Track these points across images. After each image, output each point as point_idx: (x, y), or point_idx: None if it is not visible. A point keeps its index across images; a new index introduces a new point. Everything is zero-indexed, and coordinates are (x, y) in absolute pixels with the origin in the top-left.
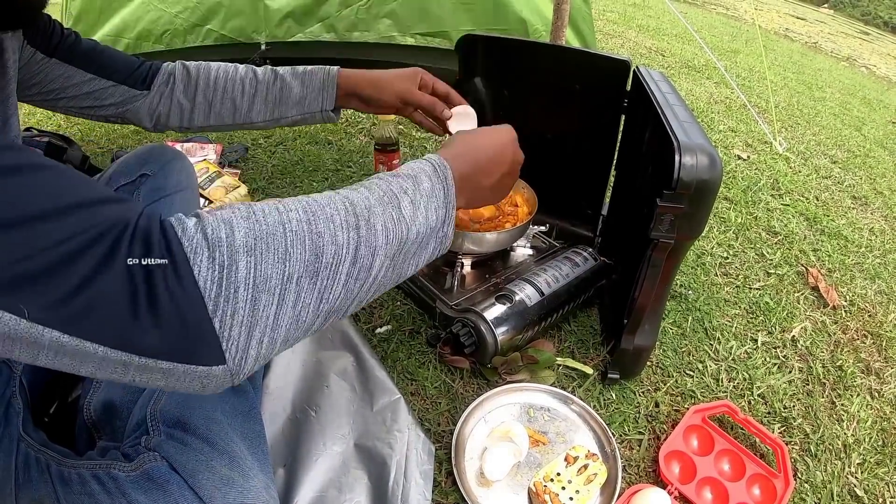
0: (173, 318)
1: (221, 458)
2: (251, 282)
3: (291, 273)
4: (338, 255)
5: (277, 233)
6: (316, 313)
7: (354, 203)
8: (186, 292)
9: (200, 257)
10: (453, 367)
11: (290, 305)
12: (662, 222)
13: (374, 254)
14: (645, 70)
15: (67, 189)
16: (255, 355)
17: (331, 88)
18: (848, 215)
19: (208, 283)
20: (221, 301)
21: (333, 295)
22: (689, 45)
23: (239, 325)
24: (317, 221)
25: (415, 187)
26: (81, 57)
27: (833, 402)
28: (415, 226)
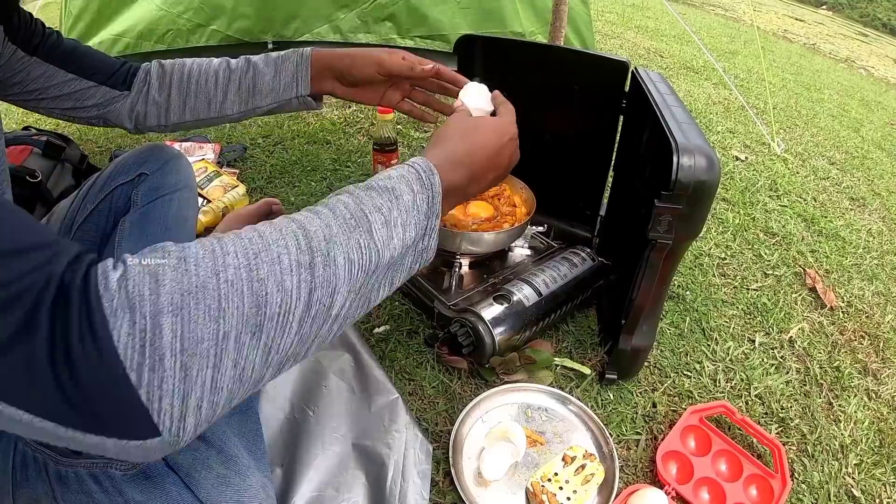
0: (95, 391)
1: (218, 456)
2: (178, 347)
3: (227, 331)
4: (286, 304)
5: (209, 285)
6: (264, 366)
7: (310, 235)
8: (106, 363)
9: (120, 322)
10: (451, 368)
11: (229, 366)
12: (660, 223)
13: (334, 292)
14: (643, 71)
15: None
16: (195, 422)
17: (304, 70)
18: (846, 216)
19: (129, 351)
20: (146, 371)
21: (284, 345)
22: (688, 47)
23: (170, 395)
24: (259, 266)
25: (391, 203)
26: (63, 57)
27: (830, 403)
28: (388, 250)
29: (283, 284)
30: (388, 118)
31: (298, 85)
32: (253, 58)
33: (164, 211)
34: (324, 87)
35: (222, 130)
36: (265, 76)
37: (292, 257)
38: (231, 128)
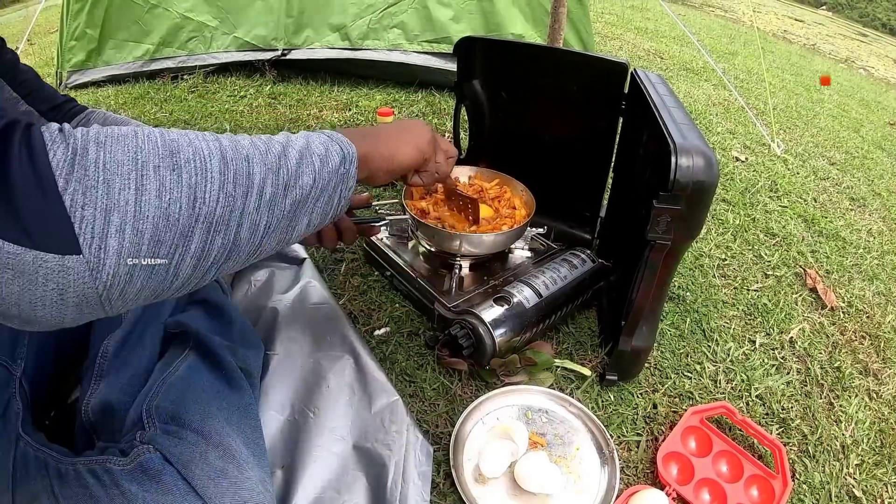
0: (21, 192)
1: (216, 450)
2: (101, 165)
3: (146, 161)
4: (199, 155)
5: (129, 135)
6: (191, 213)
7: (215, 135)
8: (37, 169)
9: (58, 145)
10: (452, 369)
11: (153, 193)
12: (659, 224)
13: (249, 160)
14: (643, 72)
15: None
16: (118, 247)
17: None
18: (846, 217)
19: (62, 163)
20: (73, 179)
21: (210, 195)
22: (688, 48)
23: (93, 204)
24: (168, 133)
25: (285, 133)
26: (15, 75)
27: (831, 404)
28: (292, 147)
29: (192, 143)
30: (388, 120)
31: None
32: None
33: None
34: None
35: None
36: None
37: (198, 133)
38: (232, 130)
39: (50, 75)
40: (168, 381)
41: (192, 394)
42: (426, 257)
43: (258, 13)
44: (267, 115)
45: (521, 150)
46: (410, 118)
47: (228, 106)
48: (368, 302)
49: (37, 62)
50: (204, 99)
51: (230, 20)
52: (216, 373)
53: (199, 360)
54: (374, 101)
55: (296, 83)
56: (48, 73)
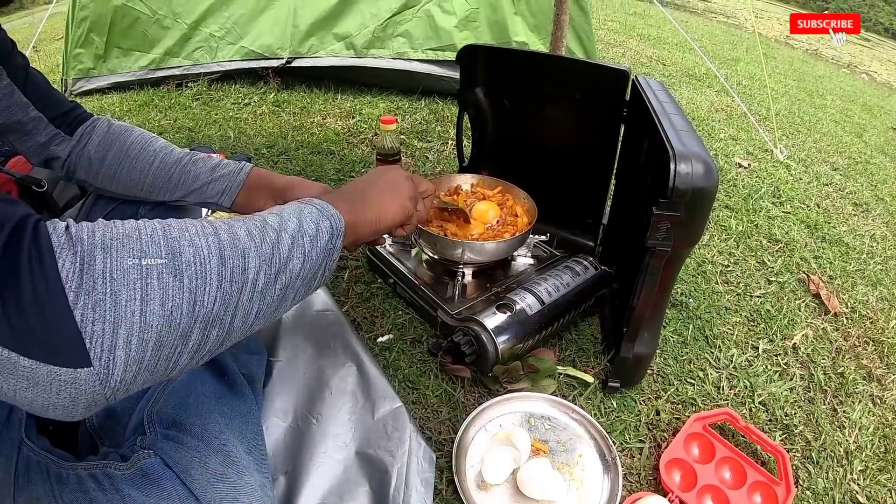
0: (35, 307)
1: (216, 455)
2: (108, 275)
3: (150, 268)
4: (199, 255)
5: (133, 235)
6: (191, 316)
7: (211, 221)
8: (48, 282)
9: (66, 252)
10: (454, 376)
11: (157, 303)
12: (659, 230)
13: (245, 255)
14: (644, 79)
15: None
16: (125, 357)
17: (235, 187)
18: (849, 222)
19: (70, 274)
20: (83, 293)
21: (209, 297)
22: (690, 54)
23: (102, 319)
24: (171, 229)
25: (278, 210)
26: (27, 79)
27: (835, 409)
28: (286, 232)
29: (193, 242)
30: (392, 128)
31: (223, 196)
32: (196, 155)
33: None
34: (256, 203)
35: (227, 141)
36: (197, 178)
37: (198, 227)
38: (235, 138)
39: (55, 82)
40: (170, 386)
41: (194, 399)
42: (429, 265)
43: (265, 24)
44: (271, 122)
45: (523, 157)
46: (399, 167)
47: (232, 113)
48: (371, 309)
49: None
50: (208, 106)
51: (237, 31)
52: (218, 378)
53: (202, 366)
54: (377, 109)
55: (299, 91)
56: (53, 80)
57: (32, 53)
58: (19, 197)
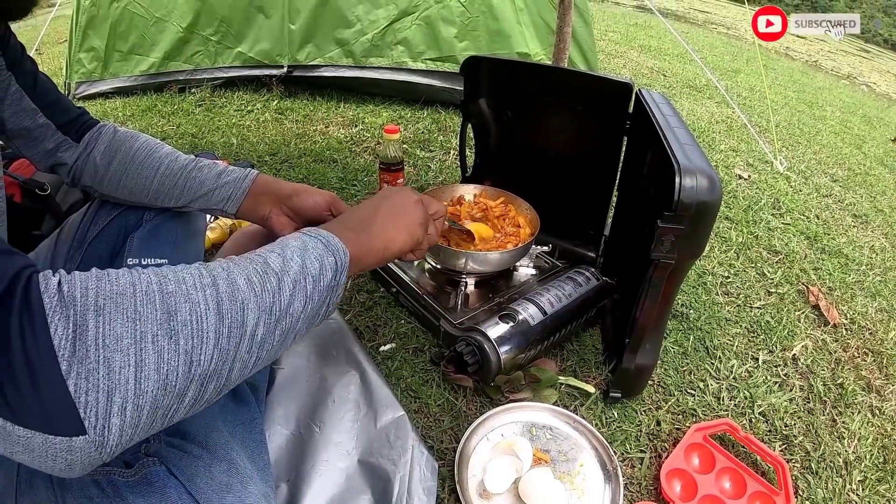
0: (27, 377)
1: (220, 464)
2: (101, 342)
3: (144, 332)
4: (195, 312)
5: (127, 293)
6: (188, 377)
7: (209, 266)
8: (41, 351)
9: (58, 316)
10: (457, 385)
11: (151, 368)
12: (663, 243)
13: (244, 308)
14: (647, 92)
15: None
16: (120, 424)
17: (240, 193)
18: (848, 233)
19: (63, 342)
20: (75, 362)
21: (205, 356)
22: (691, 65)
23: (95, 388)
24: (166, 283)
25: (281, 246)
26: (35, 85)
27: (834, 420)
28: (287, 275)
29: (189, 296)
30: (395, 137)
31: (228, 202)
32: (201, 161)
33: (173, 227)
34: (260, 210)
35: (230, 147)
36: (203, 185)
37: (195, 278)
38: (238, 145)
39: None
40: None
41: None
42: (432, 274)
43: (260, 29)
44: (273, 129)
45: (526, 168)
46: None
47: (236, 120)
48: (374, 318)
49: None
50: (211, 113)
51: (231, 34)
52: None
53: None
54: (380, 118)
55: (302, 99)
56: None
57: (36, 56)
58: (22, 200)
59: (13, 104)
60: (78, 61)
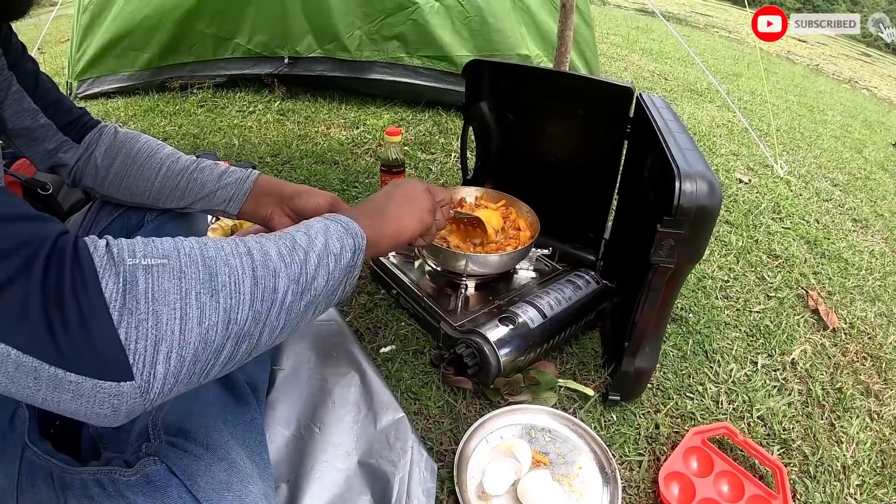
0: (81, 328)
1: (220, 463)
2: (150, 295)
3: (188, 289)
4: (234, 276)
5: (171, 255)
6: (225, 333)
7: (244, 240)
8: (93, 304)
9: (109, 273)
10: (456, 388)
11: (195, 321)
12: (663, 247)
13: (276, 275)
14: (647, 96)
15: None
16: (164, 372)
17: (241, 194)
18: (848, 238)
19: (114, 295)
20: (126, 313)
21: (241, 315)
22: (692, 69)
23: (144, 337)
24: (207, 249)
25: (306, 227)
26: (37, 86)
27: (832, 424)
28: (313, 252)
29: (228, 261)
30: (396, 139)
31: (229, 203)
32: (202, 162)
33: (175, 228)
34: (262, 210)
35: (231, 148)
36: (204, 186)
37: (232, 247)
38: (240, 146)
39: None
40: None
41: (199, 407)
42: (432, 276)
43: (254, 20)
44: (275, 131)
45: (527, 171)
46: (410, 181)
47: (237, 121)
48: (374, 320)
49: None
50: (213, 113)
51: (226, 27)
52: (223, 387)
53: None
54: (381, 120)
55: (304, 100)
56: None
57: (37, 55)
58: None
59: (14, 104)
60: (78, 60)
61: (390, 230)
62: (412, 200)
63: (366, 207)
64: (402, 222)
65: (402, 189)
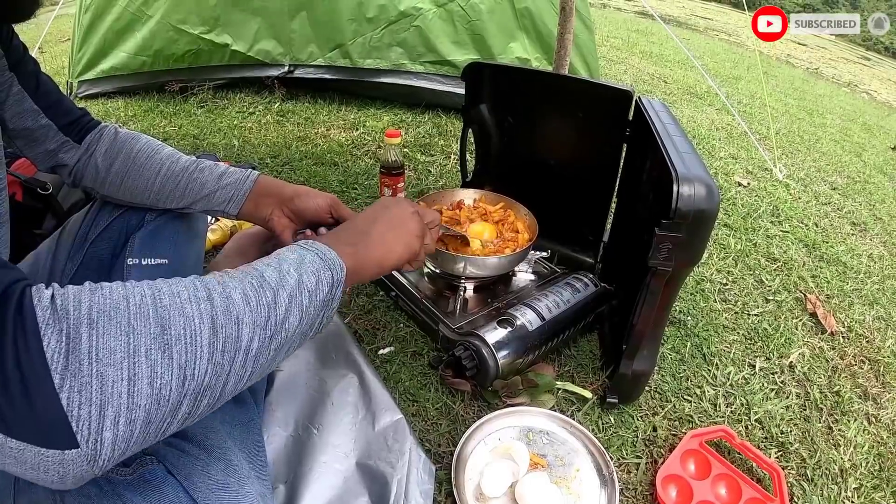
0: (20, 390)
1: (217, 464)
2: (94, 355)
3: (137, 346)
4: (189, 326)
5: (121, 306)
6: (181, 391)
7: (205, 280)
8: (34, 364)
9: (51, 329)
10: (454, 390)
11: (144, 382)
12: (660, 250)
13: (239, 322)
14: (646, 100)
15: None
16: (112, 438)
17: (241, 195)
18: (847, 241)
19: (56, 355)
20: (68, 375)
21: (199, 371)
22: (692, 72)
23: (88, 402)
24: (160, 296)
25: (278, 260)
26: (38, 86)
27: (830, 428)
28: (283, 289)
29: (183, 310)
30: (396, 142)
31: (229, 204)
32: (202, 163)
33: (175, 229)
34: (261, 211)
35: (231, 149)
36: (204, 186)
37: (190, 292)
38: (240, 147)
39: (60, 84)
40: None
41: None
42: (431, 279)
43: (256, 28)
44: (275, 132)
45: (526, 174)
46: (400, 202)
47: (237, 122)
48: (373, 321)
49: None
50: (213, 114)
51: (227, 34)
52: None
53: None
54: (381, 122)
55: (304, 101)
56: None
57: (38, 55)
58: (24, 199)
59: (15, 105)
60: (79, 61)
61: (373, 257)
62: (399, 225)
63: (348, 232)
64: (387, 248)
65: (389, 212)
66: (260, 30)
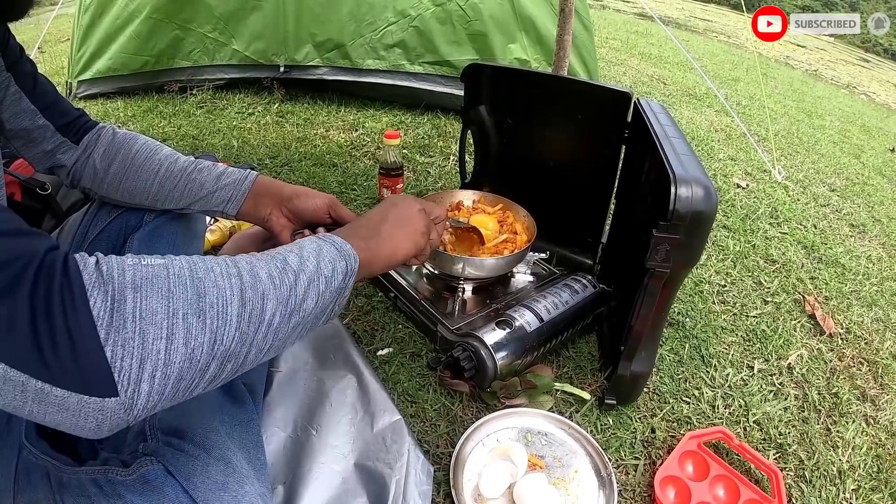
0: (68, 344)
1: (217, 464)
2: (138, 314)
3: (176, 309)
4: (222, 297)
5: (161, 275)
6: (210, 353)
7: (235, 259)
8: (80, 321)
9: (97, 290)
10: (453, 391)
11: (180, 341)
12: (658, 252)
13: (264, 298)
14: (645, 102)
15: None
16: (148, 390)
17: (240, 195)
18: (846, 243)
19: (101, 313)
20: (112, 331)
21: (227, 336)
22: (691, 73)
23: (130, 355)
24: (196, 269)
25: (299, 247)
26: (34, 87)
27: (828, 429)
28: (304, 273)
29: (217, 283)
30: (395, 143)
31: (228, 204)
32: (201, 163)
33: (173, 229)
34: (260, 211)
35: (230, 150)
36: (203, 186)
37: (222, 268)
38: (239, 148)
39: (60, 84)
40: None
41: (196, 407)
42: (429, 280)
43: (255, 26)
44: (274, 133)
45: (525, 175)
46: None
47: (237, 123)
48: (372, 322)
49: (47, 70)
50: (212, 115)
51: (228, 31)
52: (220, 388)
53: None
54: (380, 123)
55: (303, 102)
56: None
57: (38, 55)
58: (22, 199)
59: (12, 105)
60: (78, 61)
61: (384, 252)
62: (407, 222)
63: (361, 227)
64: (396, 244)
65: (397, 209)
66: (256, 27)
